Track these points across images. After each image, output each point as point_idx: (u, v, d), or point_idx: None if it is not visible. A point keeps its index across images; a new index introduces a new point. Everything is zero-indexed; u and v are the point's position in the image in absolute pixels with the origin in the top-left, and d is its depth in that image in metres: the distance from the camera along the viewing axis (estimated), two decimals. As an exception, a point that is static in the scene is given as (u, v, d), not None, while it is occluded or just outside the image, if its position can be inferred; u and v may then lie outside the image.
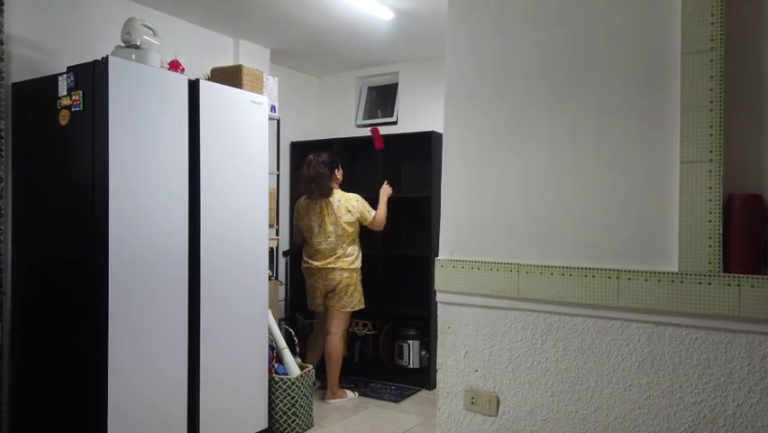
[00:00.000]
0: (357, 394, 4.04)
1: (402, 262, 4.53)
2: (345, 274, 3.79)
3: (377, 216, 3.85)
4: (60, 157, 2.55)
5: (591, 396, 1.71)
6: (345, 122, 4.99)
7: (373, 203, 3.96)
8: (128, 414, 2.45)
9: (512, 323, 1.85)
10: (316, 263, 3.82)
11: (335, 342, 3.87)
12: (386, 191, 4.01)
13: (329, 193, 3.79)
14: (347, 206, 3.79)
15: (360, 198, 3.86)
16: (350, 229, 3.79)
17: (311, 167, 3.81)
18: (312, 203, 3.84)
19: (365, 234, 4.08)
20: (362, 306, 3.92)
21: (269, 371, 3.20)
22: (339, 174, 3.92)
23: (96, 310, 2.38)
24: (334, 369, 3.88)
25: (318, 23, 3.75)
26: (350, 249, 3.82)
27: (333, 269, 3.78)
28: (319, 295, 3.89)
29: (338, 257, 3.78)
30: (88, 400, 2.41)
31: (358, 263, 3.86)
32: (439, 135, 3.43)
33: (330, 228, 3.78)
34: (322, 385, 4.01)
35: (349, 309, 3.86)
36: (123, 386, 2.43)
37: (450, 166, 2.00)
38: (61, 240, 2.56)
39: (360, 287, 3.90)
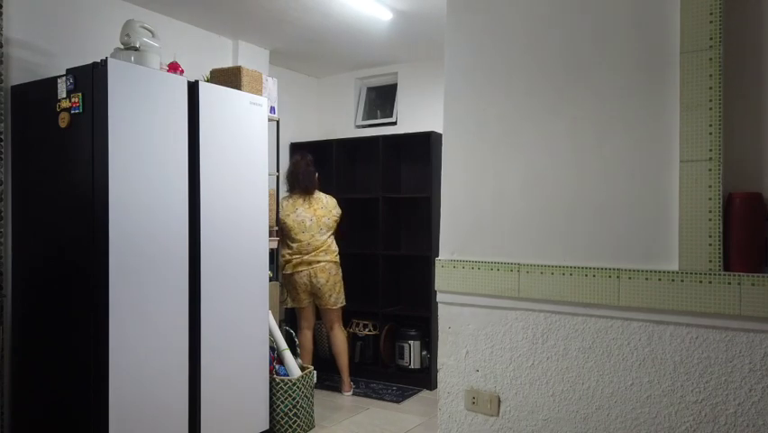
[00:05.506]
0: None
1: (402, 262, 4.52)
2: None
3: None
4: (60, 159, 2.55)
5: (592, 395, 1.71)
6: (345, 122, 4.99)
7: (373, 203, 3.93)
8: (129, 416, 2.45)
9: (513, 323, 1.85)
10: None
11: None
12: None
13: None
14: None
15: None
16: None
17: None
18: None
19: (364, 234, 4.06)
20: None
21: (270, 372, 3.20)
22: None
23: (97, 312, 2.38)
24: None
25: (317, 24, 3.75)
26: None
27: None
28: None
29: None
30: (89, 402, 2.41)
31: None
32: (439, 135, 3.42)
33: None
34: (322, 386, 4.01)
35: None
36: (124, 388, 2.43)
37: (449, 166, 1.99)
38: (61, 242, 2.56)
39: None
